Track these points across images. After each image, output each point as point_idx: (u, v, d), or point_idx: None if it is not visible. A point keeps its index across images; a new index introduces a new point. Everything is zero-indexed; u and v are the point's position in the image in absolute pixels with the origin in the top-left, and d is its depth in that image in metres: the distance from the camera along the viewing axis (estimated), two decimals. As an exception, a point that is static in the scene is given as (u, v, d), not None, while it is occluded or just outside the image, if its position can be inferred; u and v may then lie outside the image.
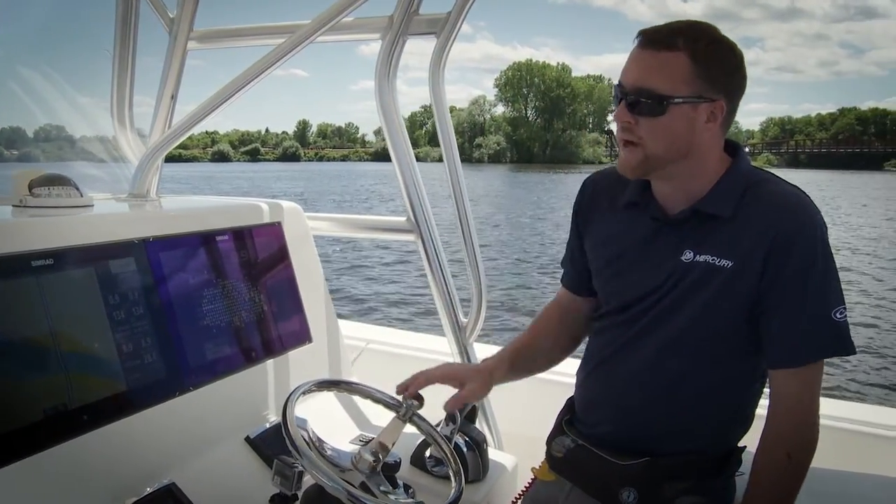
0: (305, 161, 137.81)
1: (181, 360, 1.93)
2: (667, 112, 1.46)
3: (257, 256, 2.27)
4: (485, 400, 2.53)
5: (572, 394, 1.82)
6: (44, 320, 1.63)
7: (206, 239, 2.12)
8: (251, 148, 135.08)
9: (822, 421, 2.38)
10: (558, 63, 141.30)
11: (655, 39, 1.47)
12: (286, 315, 2.31)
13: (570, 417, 1.81)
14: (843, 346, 1.49)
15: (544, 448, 1.83)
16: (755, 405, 1.64)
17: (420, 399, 1.66)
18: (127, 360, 1.78)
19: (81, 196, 2.05)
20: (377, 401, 1.76)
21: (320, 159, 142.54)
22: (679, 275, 1.55)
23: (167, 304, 1.93)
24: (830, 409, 2.47)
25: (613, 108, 1.55)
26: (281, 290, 2.34)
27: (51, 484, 1.56)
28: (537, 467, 1.86)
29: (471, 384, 1.73)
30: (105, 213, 2.14)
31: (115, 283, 1.81)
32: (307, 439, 1.52)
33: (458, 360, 2.59)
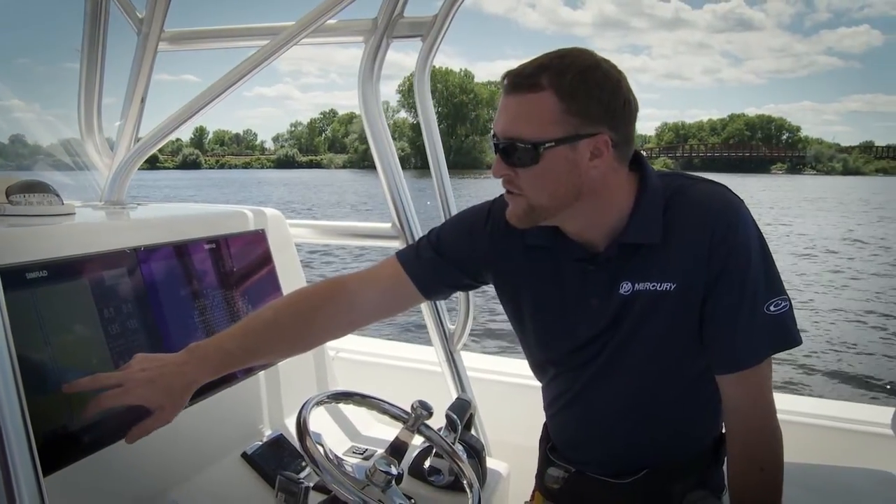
0: (207, 168, 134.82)
1: (177, 375, 1.83)
2: (542, 159, 1.36)
3: (245, 265, 2.18)
4: (476, 406, 2.50)
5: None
6: (40, 337, 1.51)
7: (196, 248, 2.02)
8: (149, 155, 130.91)
9: (814, 420, 2.48)
10: (461, 69, 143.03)
11: (518, 82, 1.37)
12: (273, 326, 2.21)
13: (552, 444, 1.77)
14: (783, 339, 1.42)
15: (530, 453, 1.82)
16: None
17: (429, 409, 1.61)
18: (124, 376, 1.67)
19: (63, 204, 1.92)
20: (384, 412, 1.71)
21: (221, 167, 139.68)
22: (623, 308, 1.48)
23: (160, 315, 1.83)
24: (822, 409, 2.56)
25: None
26: (268, 300, 2.23)
27: None
28: (529, 501, 1.83)
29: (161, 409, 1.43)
30: (90, 221, 2.01)
31: (109, 295, 1.70)
32: (326, 454, 1.46)
33: (445, 368, 2.56)
